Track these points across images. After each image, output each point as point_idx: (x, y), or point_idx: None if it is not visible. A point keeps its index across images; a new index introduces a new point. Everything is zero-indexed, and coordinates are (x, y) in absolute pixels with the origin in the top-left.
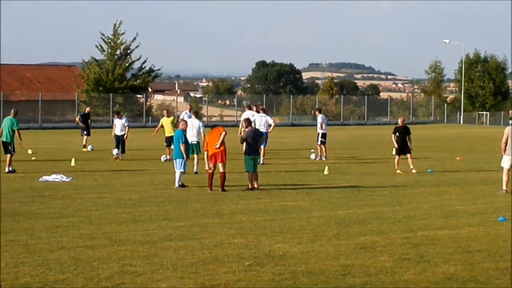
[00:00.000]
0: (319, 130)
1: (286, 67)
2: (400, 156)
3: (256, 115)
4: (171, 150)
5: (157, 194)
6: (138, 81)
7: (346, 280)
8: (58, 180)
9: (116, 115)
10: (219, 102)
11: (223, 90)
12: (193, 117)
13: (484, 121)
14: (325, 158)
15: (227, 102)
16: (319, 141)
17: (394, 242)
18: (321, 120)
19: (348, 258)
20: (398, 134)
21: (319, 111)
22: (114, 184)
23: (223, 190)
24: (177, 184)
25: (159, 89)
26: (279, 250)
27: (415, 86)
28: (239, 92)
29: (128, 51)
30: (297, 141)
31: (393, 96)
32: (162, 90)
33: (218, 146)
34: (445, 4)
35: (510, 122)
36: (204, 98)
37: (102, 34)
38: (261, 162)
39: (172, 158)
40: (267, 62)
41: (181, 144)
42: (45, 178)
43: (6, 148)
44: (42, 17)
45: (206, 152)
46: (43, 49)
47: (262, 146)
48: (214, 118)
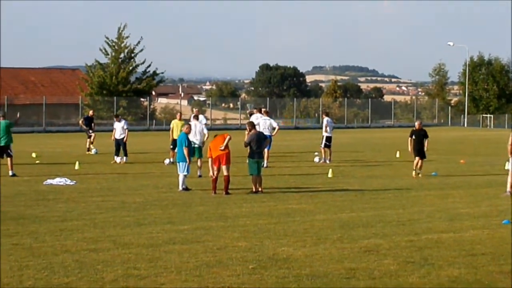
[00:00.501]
0: (324, 133)
1: (290, 70)
2: (418, 158)
3: (260, 118)
4: (176, 154)
5: (161, 197)
6: (142, 84)
7: (351, 283)
8: (62, 183)
9: (115, 118)
10: (223, 105)
11: (227, 93)
12: (194, 120)
13: (488, 124)
14: (329, 161)
15: (231, 105)
16: (323, 144)
17: (398, 245)
18: (326, 122)
19: (352, 261)
20: (414, 137)
21: (326, 114)
22: (118, 187)
23: (227, 193)
24: (180, 187)
25: (163, 92)
26: (283, 253)
27: (419, 89)
28: (243, 95)
29: (132, 55)
30: (301, 144)
31: (397, 99)
32: (166, 94)
33: (222, 148)
34: (448, 6)
35: None
36: (207, 101)
37: (106, 37)
38: (265, 165)
39: (175, 161)
40: (271, 65)
41: (184, 147)
42: (49, 181)
43: (5, 152)
44: (46, 20)
45: (210, 159)
46: (47, 52)
47: (266, 149)
48: (217, 121)
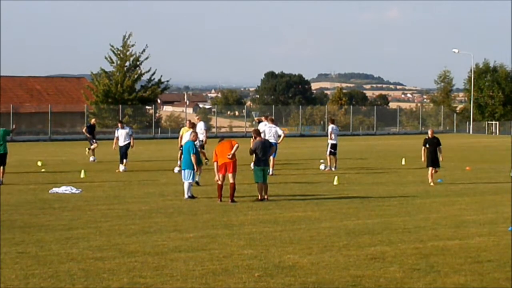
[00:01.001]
0: (329, 141)
1: (295, 78)
2: (432, 168)
3: (265, 126)
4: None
5: (166, 205)
6: (147, 92)
7: None
8: (68, 192)
9: (119, 124)
10: (228, 113)
11: (232, 101)
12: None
13: (493, 130)
14: (334, 169)
15: (236, 113)
16: (329, 151)
17: (404, 252)
18: (331, 130)
19: (358, 269)
20: (428, 145)
21: (332, 121)
22: (123, 195)
23: (233, 201)
24: (186, 195)
25: (168, 100)
26: (289, 261)
27: (424, 96)
28: (248, 103)
29: (137, 63)
30: (306, 151)
31: (402, 106)
32: (171, 101)
33: (230, 156)
34: (454, 13)
35: None
36: (213, 109)
37: (111, 46)
38: (270, 173)
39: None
40: (276, 72)
41: (192, 154)
42: (55, 190)
43: (4, 160)
44: (52, 29)
45: (215, 163)
46: (53, 61)
47: (271, 157)
48: (223, 129)
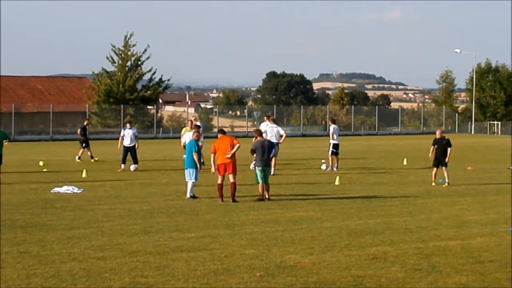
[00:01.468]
0: (331, 141)
1: (297, 78)
2: (437, 168)
3: (267, 126)
4: None
5: (168, 205)
6: (149, 92)
7: None
8: (69, 191)
9: (128, 125)
10: (230, 113)
11: (234, 101)
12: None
13: (495, 131)
14: (336, 169)
15: (238, 113)
16: (330, 151)
17: (406, 252)
18: (332, 130)
19: (359, 269)
20: (437, 146)
21: (333, 121)
22: (125, 195)
23: (234, 200)
24: (188, 194)
25: (170, 100)
26: (291, 260)
27: (426, 96)
28: (250, 103)
29: (138, 62)
30: (308, 151)
31: (404, 106)
32: (173, 101)
33: (229, 156)
34: (456, 13)
35: None
36: (214, 109)
37: (113, 46)
38: (272, 172)
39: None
40: (278, 72)
41: (194, 153)
42: (56, 189)
43: (1, 160)
44: (53, 29)
45: (213, 155)
46: (54, 61)
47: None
48: (225, 129)
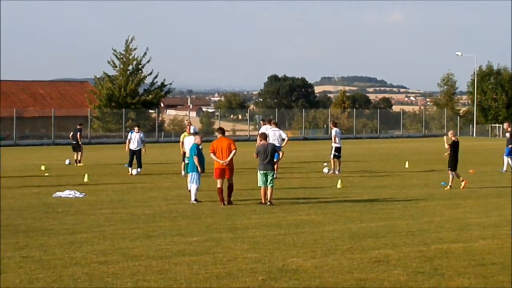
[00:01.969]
0: (333, 144)
1: (298, 81)
2: (451, 171)
3: (269, 130)
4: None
5: (170, 209)
6: (150, 96)
7: None
8: (71, 196)
9: (136, 128)
10: (232, 116)
11: (235, 104)
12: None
13: (497, 133)
14: (338, 172)
15: (240, 117)
16: (332, 154)
17: (408, 255)
18: (334, 133)
19: (362, 272)
20: (454, 149)
21: (334, 125)
22: (127, 199)
23: (230, 202)
24: (193, 198)
25: (171, 104)
26: (293, 264)
27: (428, 99)
28: (251, 106)
29: (140, 66)
30: (309, 154)
31: (405, 109)
32: (175, 105)
33: (227, 162)
34: (457, 16)
35: None
36: (216, 113)
37: (114, 50)
38: (274, 176)
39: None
40: (279, 76)
41: (194, 156)
42: (58, 194)
43: None
44: (55, 33)
45: (212, 153)
46: (56, 65)
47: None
48: (226, 133)
